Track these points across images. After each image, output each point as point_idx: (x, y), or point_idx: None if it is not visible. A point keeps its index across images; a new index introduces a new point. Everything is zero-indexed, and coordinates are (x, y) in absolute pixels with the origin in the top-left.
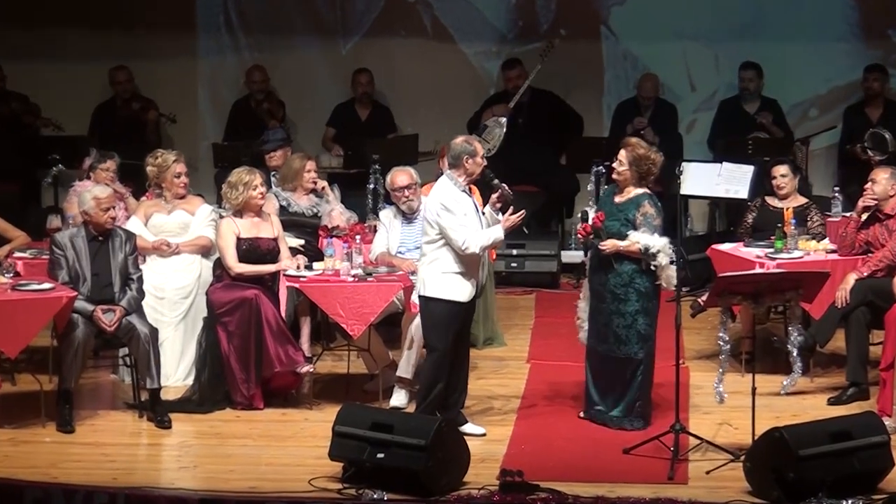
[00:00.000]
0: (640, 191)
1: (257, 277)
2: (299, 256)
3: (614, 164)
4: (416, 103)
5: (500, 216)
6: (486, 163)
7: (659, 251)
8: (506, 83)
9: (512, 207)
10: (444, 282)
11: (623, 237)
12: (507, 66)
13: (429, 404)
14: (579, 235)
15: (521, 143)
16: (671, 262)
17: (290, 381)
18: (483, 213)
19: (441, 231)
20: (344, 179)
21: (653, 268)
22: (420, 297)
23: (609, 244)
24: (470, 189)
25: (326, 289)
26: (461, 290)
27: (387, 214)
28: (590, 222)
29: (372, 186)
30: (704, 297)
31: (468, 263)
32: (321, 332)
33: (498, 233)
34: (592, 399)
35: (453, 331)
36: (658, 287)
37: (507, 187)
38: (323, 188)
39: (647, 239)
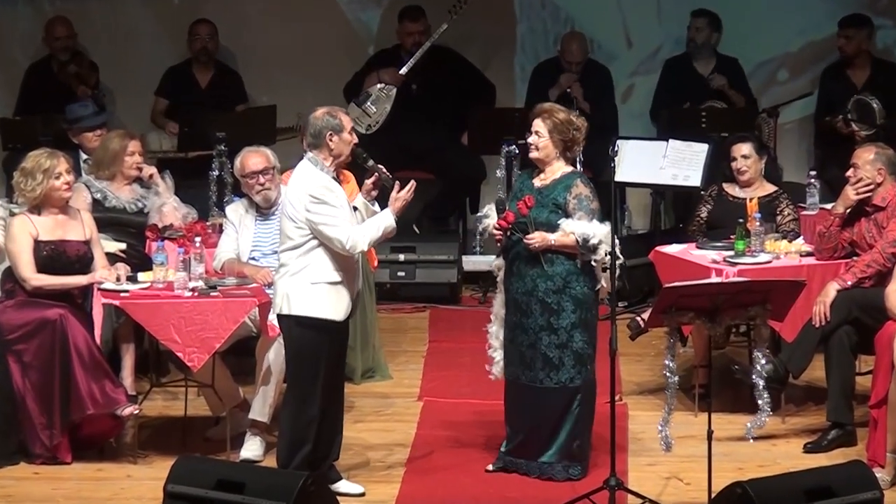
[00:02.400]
0: (568, 169)
1: (63, 292)
2: (119, 265)
3: (530, 139)
4: (272, 65)
5: (375, 206)
6: (356, 139)
7: (601, 242)
8: (402, 38)
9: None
10: (315, 295)
11: (553, 228)
12: (409, 17)
13: (295, 458)
14: (496, 231)
15: (412, 115)
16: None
17: (107, 427)
18: (354, 208)
19: (313, 230)
20: (179, 165)
21: (593, 264)
22: (281, 317)
23: (538, 237)
24: (341, 175)
25: (156, 307)
26: (337, 306)
27: (236, 209)
28: (513, 210)
29: (216, 173)
30: (646, 315)
31: (346, 269)
32: (149, 364)
33: (387, 219)
34: (511, 446)
35: (326, 360)
36: (597, 293)
37: (384, 169)
38: (151, 176)
39: (585, 227)
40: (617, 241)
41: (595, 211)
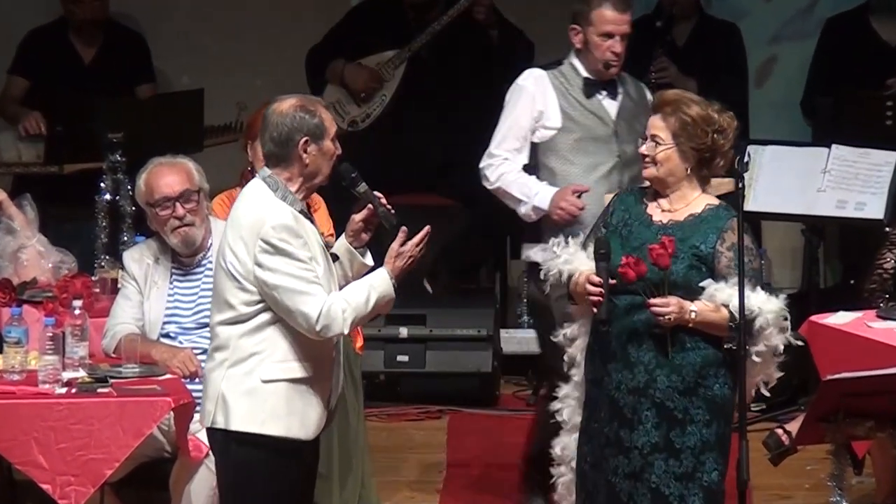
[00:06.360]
0: (709, 200)
1: None
2: None
3: (643, 148)
4: (197, 27)
5: (366, 258)
6: (339, 150)
7: (769, 324)
8: None
9: (402, 233)
10: (268, 402)
11: (693, 292)
12: None
13: None
14: (592, 287)
15: (422, 104)
16: (789, 342)
17: None
18: (334, 256)
19: (265, 296)
20: (48, 184)
21: (753, 355)
22: (214, 432)
23: (674, 306)
24: (308, 207)
25: (9, 411)
26: (303, 418)
27: (139, 256)
28: (643, 257)
29: (107, 198)
30: (795, 425)
31: (320, 358)
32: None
33: (382, 285)
34: None
35: (288, 499)
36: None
37: (383, 199)
38: None
39: (751, 298)
40: (784, 313)
41: (758, 273)
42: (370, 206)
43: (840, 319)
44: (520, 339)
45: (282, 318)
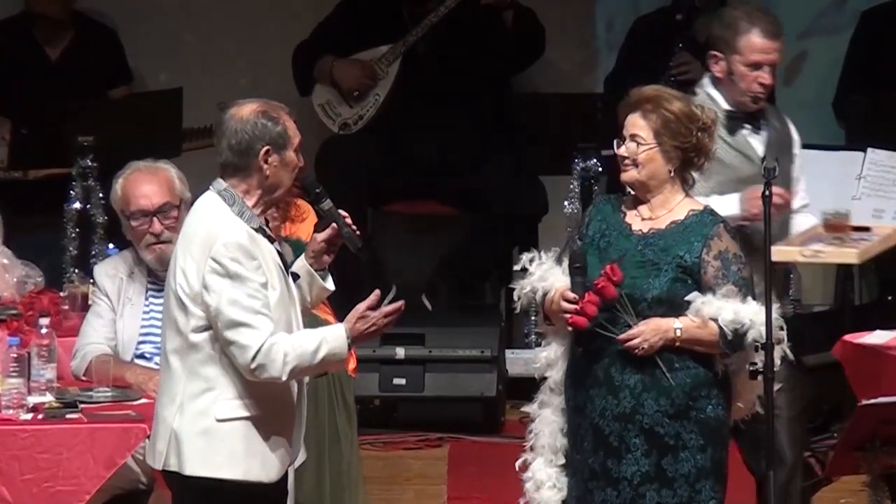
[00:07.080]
0: (693, 204)
1: None
2: None
3: (622, 149)
4: (176, 22)
5: (328, 282)
6: (302, 162)
7: (762, 336)
8: None
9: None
10: (224, 441)
11: (677, 307)
12: None
13: None
14: (566, 303)
15: (421, 104)
16: (789, 359)
17: None
18: (288, 272)
19: (211, 321)
20: (13, 191)
21: (747, 370)
22: (168, 475)
23: (647, 334)
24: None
25: None
26: (264, 459)
27: (112, 271)
28: (593, 280)
29: (77, 206)
30: (828, 453)
31: (278, 393)
32: None
33: (336, 342)
34: None
35: None
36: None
37: (348, 220)
38: None
39: (739, 311)
40: (779, 323)
41: (748, 282)
42: (334, 225)
43: (876, 339)
44: (527, 361)
45: None
